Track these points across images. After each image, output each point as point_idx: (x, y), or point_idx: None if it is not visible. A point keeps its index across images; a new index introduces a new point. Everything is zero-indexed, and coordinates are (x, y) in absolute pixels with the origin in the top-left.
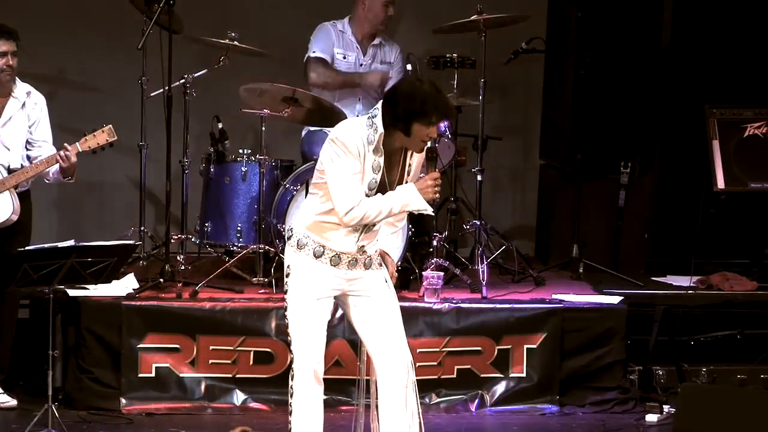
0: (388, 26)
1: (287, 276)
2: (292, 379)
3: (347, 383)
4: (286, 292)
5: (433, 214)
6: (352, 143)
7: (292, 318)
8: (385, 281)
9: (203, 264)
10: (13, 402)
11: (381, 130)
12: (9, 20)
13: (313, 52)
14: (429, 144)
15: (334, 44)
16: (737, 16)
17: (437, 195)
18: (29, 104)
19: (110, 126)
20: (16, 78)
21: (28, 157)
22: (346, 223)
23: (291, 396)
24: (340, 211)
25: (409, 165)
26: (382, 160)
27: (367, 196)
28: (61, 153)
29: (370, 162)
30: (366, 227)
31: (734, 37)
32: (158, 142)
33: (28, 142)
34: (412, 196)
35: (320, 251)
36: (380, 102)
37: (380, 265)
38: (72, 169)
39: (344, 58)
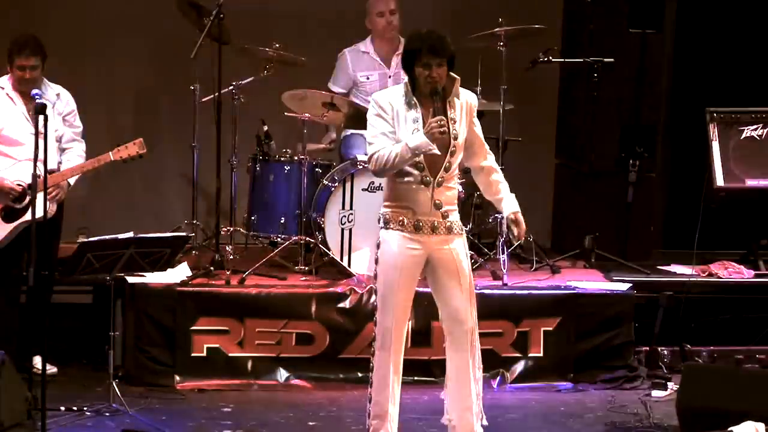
0: (400, 33)
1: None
2: (373, 348)
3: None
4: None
5: (438, 152)
6: (383, 101)
7: (381, 291)
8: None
9: (250, 253)
10: (54, 370)
11: (404, 82)
12: (81, 34)
13: (330, 83)
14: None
15: (354, 70)
16: (736, 26)
17: (443, 134)
18: (59, 105)
19: (141, 139)
20: (45, 81)
21: (62, 150)
22: (372, 169)
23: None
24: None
25: (452, 118)
26: (418, 113)
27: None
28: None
29: (403, 116)
30: (437, 183)
31: (733, 45)
32: (209, 143)
33: (63, 136)
34: (415, 137)
35: (402, 220)
36: None
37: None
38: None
39: (368, 78)
